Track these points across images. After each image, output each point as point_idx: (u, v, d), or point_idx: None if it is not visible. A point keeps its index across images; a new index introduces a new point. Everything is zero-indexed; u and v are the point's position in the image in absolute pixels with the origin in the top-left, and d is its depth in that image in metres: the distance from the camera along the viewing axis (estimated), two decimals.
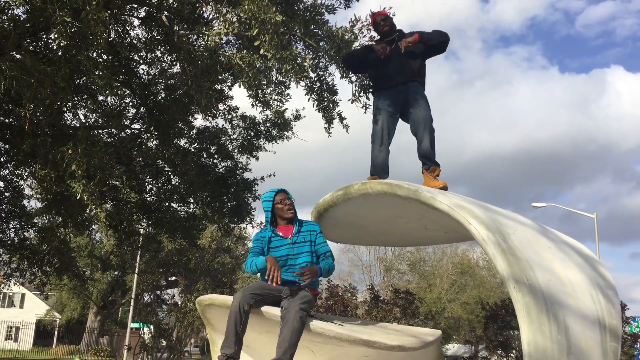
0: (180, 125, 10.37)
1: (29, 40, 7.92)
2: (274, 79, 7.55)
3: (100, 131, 10.05)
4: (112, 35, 8.23)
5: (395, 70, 5.22)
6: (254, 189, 11.77)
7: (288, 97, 8.12)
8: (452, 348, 42.70)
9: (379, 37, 5.63)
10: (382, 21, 5.44)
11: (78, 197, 6.84)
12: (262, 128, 11.27)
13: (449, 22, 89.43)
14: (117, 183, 10.74)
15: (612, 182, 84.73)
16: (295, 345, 3.70)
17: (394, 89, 5.20)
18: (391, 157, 5.17)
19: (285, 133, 11.16)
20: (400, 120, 5.31)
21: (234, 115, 10.89)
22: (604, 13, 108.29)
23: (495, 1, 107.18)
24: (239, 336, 3.81)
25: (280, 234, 4.25)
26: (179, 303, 16.15)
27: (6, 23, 7.03)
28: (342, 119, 7.43)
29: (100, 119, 9.70)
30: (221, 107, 10.26)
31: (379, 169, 5.08)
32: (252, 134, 11.30)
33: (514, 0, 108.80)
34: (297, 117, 10.93)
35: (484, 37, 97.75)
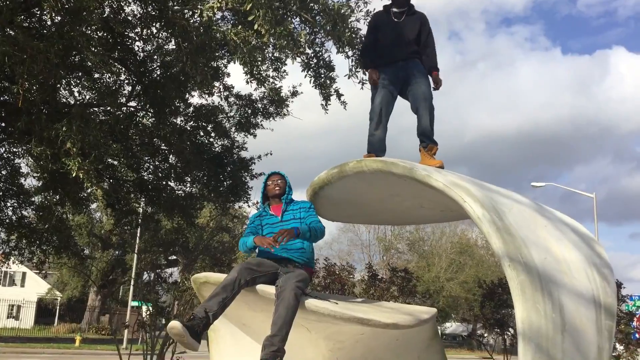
0: (176, 102, 10.28)
1: (22, 17, 7.80)
2: (269, 55, 7.46)
3: (95, 109, 9.97)
4: (107, 11, 8.11)
5: (397, 45, 5.10)
6: (250, 167, 11.72)
7: (284, 73, 8.03)
8: (451, 327, 43.12)
9: (390, 2, 5.31)
10: None
11: (73, 175, 6.81)
12: (259, 105, 11.17)
13: (453, 3, 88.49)
14: (114, 162, 10.69)
15: (612, 163, 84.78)
16: (290, 322, 3.70)
17: (394, 64, 5.09)
18: (391, 138, 5.09)
19: (282, 110, 11.07)
20: (400, 98, 5.22)
21: (230, 93, 10.80)
22: None
23: None
24: (225, 303, 3.76)
25: (272, 213, 4.39)
26: (178, 282, 16.20)
27: None
28: (339, 95, 7.36)
29: (95, 97, 9.61)
30: (217, 84, 10.16)
31: (376, 147, 5.00)
32: (249, 111, 11.22)
33: None
34: (294, 94, 10.82)
35: (487, 18, 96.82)
